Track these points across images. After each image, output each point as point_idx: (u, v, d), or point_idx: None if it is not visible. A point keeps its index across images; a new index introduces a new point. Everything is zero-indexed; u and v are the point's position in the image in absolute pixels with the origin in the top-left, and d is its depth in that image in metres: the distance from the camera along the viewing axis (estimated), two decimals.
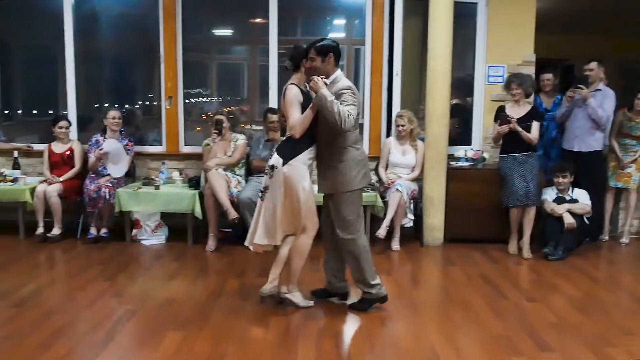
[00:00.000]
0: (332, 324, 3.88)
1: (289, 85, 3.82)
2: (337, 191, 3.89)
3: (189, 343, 3.47)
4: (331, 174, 3.88)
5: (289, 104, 3.76)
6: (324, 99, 3.61)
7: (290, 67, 3.89)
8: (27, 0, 6.69)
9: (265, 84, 6.42)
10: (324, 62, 3.81)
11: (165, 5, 6.16)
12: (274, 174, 3.79)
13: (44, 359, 3.23)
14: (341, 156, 3.85)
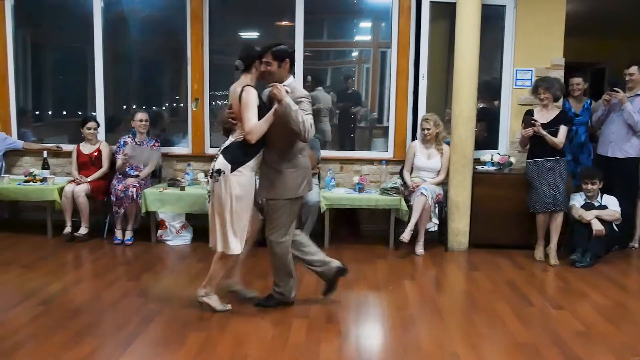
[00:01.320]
0: (354, 327, 3.86)
1: (246, 87, 3.70)
2: (281, 197, 3.86)
3: (212, 344, 3.48)
4: (278, 179, 3.85)
5: (246, 106, 3.65)
6: (289, 108, 3.59)
7: (241, 67, 3.78)
8: (58, 4, 6.80)
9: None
10: (280, 67, 3.79)
11: (193, 8, 6.22)
12: (219, 179, 3.70)
13: (69, 357, 3.27)
14: (290, 162, 3.86)
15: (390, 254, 5.57)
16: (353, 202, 5.68)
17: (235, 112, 3.74)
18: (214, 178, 3.73)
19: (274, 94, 3.62)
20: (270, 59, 3.76)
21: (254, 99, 3.67)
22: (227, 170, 3.67)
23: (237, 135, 3.75)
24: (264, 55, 3.77)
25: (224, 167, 3.68)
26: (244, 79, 3.79)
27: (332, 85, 8.06)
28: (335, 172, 6.08)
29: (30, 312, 3.95)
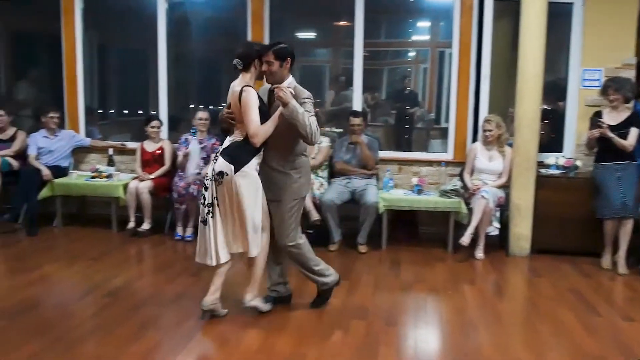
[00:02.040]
0: (412, 330, 3.82)
1: (246, 87, 3.59)
2: (287, 198, 3.79)
3: (270, 342, 3.51)
4: (283, 180, 3.78)
5: (247, 108, 3.54)
6: (295, 112, 3.50)
7: (239, 66, 3.65)
8: (124, 7, 7.00)
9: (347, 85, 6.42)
10: (281, 67, 3.68)
11: (254, 10, 6.28)
12: (223, 181, 3.59)
13: (133, 349, 3.36)
14: (294, 163, 3.79)
15: (449, 257, 5.48)
16: (411, 203, 5.62)
17: (234, 112, 3.64)
18: (217, 182, 3.62)
19: (279, 97, 3.51)
20: (272, 59, 3.65)
21: (255, 99, 3.58)
22: (231, 171, 3.56)
23: (237, 135, 3.67)
24: (264, 55, 3.66)
25: (226, 169, 3.57)
26: (243, 78, 3.67)
27: (388, 85, 8.02)
28: (393, 173, 6.03)
29: (96, 304, 4.08)
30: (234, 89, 3.66)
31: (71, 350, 3.34)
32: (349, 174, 5.78)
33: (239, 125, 3.63)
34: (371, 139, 5.91)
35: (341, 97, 7.20)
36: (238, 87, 3.62)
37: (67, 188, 6.10)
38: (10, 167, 6.20)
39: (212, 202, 3.65)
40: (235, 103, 3.62)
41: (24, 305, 4.03)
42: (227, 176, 3.57)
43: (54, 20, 6.64)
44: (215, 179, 3.61)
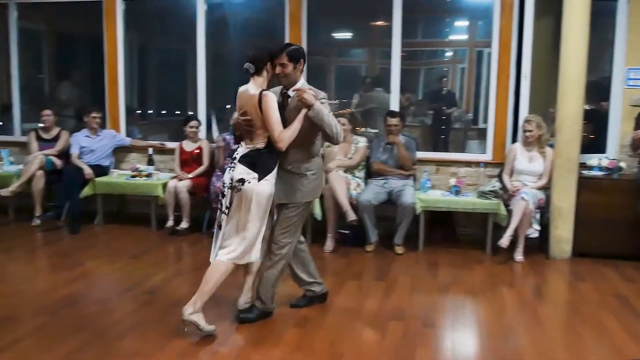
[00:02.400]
0: (450, 332, 3.79)
1: (265, 92, 3.50)
2: (300, 200, 3.72)
3: (309, 341, 3.51)
4: (300, 183, 3.71)
5: (271, 112, 3.45)
6: (321, 113, 3.49)
7: (251, 70, 3.55)
8: (164, 8, 7.10)
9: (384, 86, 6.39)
10: (295, 68, 3.62)
11: (292, 11, 6.30)
12: (242, 189, 3.48)
13: (171, 346, 3.41)
14: (310, 165, 3.74)
15: (487, 259, 5.41)
16: (449, 204, 5.57)
17: (252, 118, 3.51)
18: (235, 188, 3.51)
19: (303, 99, 3.48)
20: (286, 61, 3.57)
21: (276, 103, 3.51)
22: (254, 179, 3.48)
23: (257, 142, 3.55)
24: (277, 57, 3.58)
25: (247, 176, 3.48)
26: (255, 82, 3.57)
27: (425, 85, 7.97)
28: (430, 174, 5.98)
29: (135, 301, 4.15)
30: (249, 94, 3.54)
31: (111, 345, 3.41)
32: (386, 174, 5.75)
33: (259, 131, 3.53)
34: (408, 140, 5.88)
35: (365, 98, 7.18)
36: (254, 92, 3.52)
37: (108, 187, 6.22)
38: (53, 166, 6.36)
39: (226, 209, 3.59)
40: (253, 108, 3.50)
41: (66, 301, 4.12)
42: (249, 184, 3.47)
43: (96, 22, 6.78)
44: (235, 186, 3.51)
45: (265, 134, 3.52)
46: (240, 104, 3.61)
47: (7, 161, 6.67)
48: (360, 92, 7.35)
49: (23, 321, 3.78)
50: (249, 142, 3.59)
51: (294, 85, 3.65)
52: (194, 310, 3.50)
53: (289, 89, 3.67)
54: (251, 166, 3.51)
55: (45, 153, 6.38)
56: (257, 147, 3.55)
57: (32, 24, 7.70)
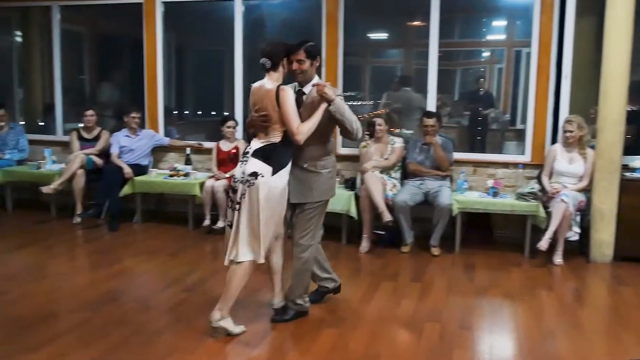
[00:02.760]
0: (488, 335, 3.74)
1: (282, 87, 3.46)
2: (317, 199, 3.68)
3: (344, 341, 3.51)
4: (315, 181, 3.66)
5: (288, 106, 3.41)
6: (342, 108, 3.48)
7: (268, 65, 3.51)
8: (202, 10, 7.19)
9: (420, 86, 6.34)
10: (312, 65, 3.60)
11: (329, 11, 6.31)
12: (255, 183, 3.40)
13: (209, 343, 3.45)
14: (324, 162, 3.70)
15: (526, 262, 5.32)
16: (487, 206, 5.50)
17: (269, 114, 3.47)
18: (247, 182, 3.43)
19: (324, 94, 3.44)
20: (303, 57, 3.55)
21: (293, 98, 3.48)
22: (267, 173, 3.42)
23: (272, 137, 3.50)
24: (294, 53, 3.55)
25: (261, 170, 3.42)
26: (270, 77, 3.53)
27: (461, 86, 7.89)
28: (467, 175, 5.91)
29: (173, 298, 4.21)
30: (265, 89, 3.50)
31: (150, 341, 3.46)
32: (422, 175, 5.71)
33: (275, 125, 3.48)
34: (445, 140, 5.83)
35: (392, 97, 7.14)
36: (271, 87, 3.48)
37: (146, 186, 6.32)
38: (94, 165, 6.50)
39: (237, 204, 3.49)
40: (270, 103, 3.45)
41: (106, 297, 4.21)
42: (262, 177, 3.41)
43: (136, 23, 6.90)
44: (247, 180, 3.43)
45: (282, 129, 3.48)
46: (255, 100, 3.55)
47: (50, 160, 6.83)
48: (390, 91, 7.32)
49: (64, 317, 3.87)
50: (263, 137, 3.53)
51: (309, 82, 3.63)
52: (222, 316, 3.52)
53: (303, 85, 3.65)
54: (265, 160, 3.45)
55: (86, 152, 6.52)
56: (272, 141, 3.50)
57: (74, 26, 7.89)
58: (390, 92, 7.23)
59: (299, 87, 3.66)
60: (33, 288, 4.38)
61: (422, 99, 6.68)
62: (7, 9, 7.74)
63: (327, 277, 4.10)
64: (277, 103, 3.43)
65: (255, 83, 3.61)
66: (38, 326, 3.65)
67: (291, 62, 3.57)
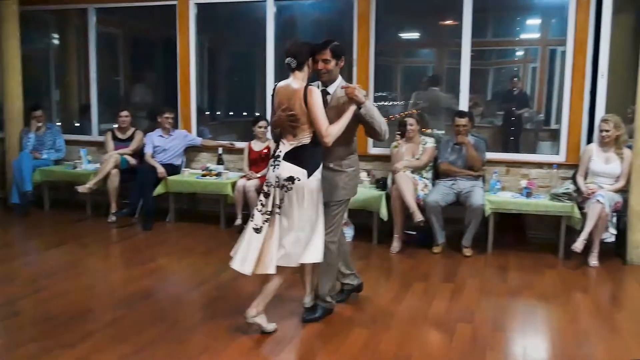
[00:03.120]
0: (521, 337, 3.70)
1: (311, 87, 3.43)
2: (342, 198, 3.72)
3: (374, 341, 3.50)
4: (341, 180, 3.69)
5: (317, 107, 3.38)
6: (372, 110, 3.50)
7: (293, 64, 3.48)
8: (234, 11, 7.24)
9: (452, 86, 6.29)
10: (337, 65, 3.60)
11: (360, 11, 6.30)
12: (293, 187, 3.42)
13: (240, 342, 3.47)
14: (349, 161, 3.73)
15: (560, 263, 5.24)
16: (520, 207, 5.42)
17: (297, 114, 3.42)
18: (285, 188, 3.44)
19: (354, 96, 3.44)
20: (329, 57, 3.55)
21: (321, 99, 3.44)
22: (303, 176, 3.42)
23: (301, 138, 3.47)
24: (319, 52, 3.54)
25: (297, 174, 3.42)
26: (295, 77, 3.50)
27: (494, 85, 7.81)
28: (500, 175, 5.84)
29: (205, 297, 4.26)
30: (292, 88, 3.47)
31: (183, 338, 3.50)
32: (454, 175, 5.66)
33: (304, 126, 3.44)
34: (478, 140, 5.77)
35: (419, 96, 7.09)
36: (298, 86, 3.45)
37: (179, 185, 6.39)
38: (128, 164, 6.61)
39: (272, 210, 3.50)
40: (298, 104, 3.42)
41: (140, 294, 4.27)
42: (299, 181, 3.42)
43: (169, 25, 7.00)
44: (284, 185, 3.44)
45: (311, 129, 3.46)
46: (280, 99, 3.51)
47: (85, 160, 6.97)
48: (418, 91, 7.28)
49: (99, 313, 3.94)
50: (292, 139, 3.49)
51: (334, 81, 3.64)
52: (257, 313, 3.56)
53: (327, 85, 3.64)
54: (299, 163, 3.45)
55: (121, 152, 6.63)
56: (303, 143, 3.47)
57: (109, 28, 8.04)
58: (419, 92, 7.19)
59: (322, 86, 3.65)
60: (69, 285, 4.48)
61: (450, 98, 6.66)
62: (44, 12, 7.91)
63: (351, 273, 4.12)
64: (305, 104, 3.40)
65: (280, 82, 3.60)
66: (74, 322, 3.72)
67: (316, 61, 3.57)
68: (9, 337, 3.57)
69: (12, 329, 3.68)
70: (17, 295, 4.21)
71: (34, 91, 7.79)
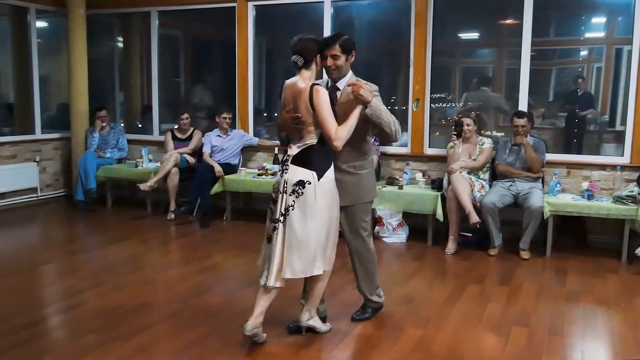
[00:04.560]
0: (580, 342, 3.59)
1: (317, 87, 3.19)
2: (361, 201, 3.53)
3: (428, 341, 3.47)
4: (355, 182, 3.48)
5: (324, 108, 3.16)
6: (379, 110, 3.27)
7: (300, 62, 3.26)
8: (292, 12, 7.31)
9: (511, 87, 6.16)
10: (347, 60, 3.39)
11: (418, 10, 6.26)
12: (304, 192, 3.20)
13: (291, 340, 3.50)
14: (365, 163, 3.52)
15: (623, 268, 5.05)
16: (581, 209, 5.26)
17: (302, 115, 3.21)
18: (295, 193, 3.22)
19: (360, 95, 3.21)
20: (338, 52, 3.33)
21: (328, 99, 3.21)
22: (314, 179, 3.21)
23: (308, 139, 3.25)
24: (328, 48, 3.33)
25: (306, 177, 3.21)
26: (302, 76, 3.28)
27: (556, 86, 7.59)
28: (561, 177, 5.68)
29: None
30: (298, 87, 3.26)
31: (234, 336, 3.53)
32: (512, 176, 5.54)
33: (310, 128, 3.23)
34: (537, 141, 5.63)
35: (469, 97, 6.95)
36: (304, 85, 3.23)
37: (236, 184, 6.50)
38: (187, 163, 6.76)
39: (279, 217, 3.27)
40: (303, 104, 3.20)
41: (196, 290, 4.37)
42: (310, 185, 3.21)
43: (228, 27, 7.12)
44: (294, 190, 3.21)
45: (317, 131, 3.25)
46: (286, 99, 3.33)
47: (146, 159, 7.18)
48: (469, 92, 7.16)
49: (156, 307, 4.04)
50: (298, 141, 3.29)
51: (344, 77, 3.43)
52: (311, 316, 3.54)
53: (337, 81, 3.44)
54: (307, 165, 3.24)
55: (180, 151, 6.80)
56: (309, 144, 3.26)
57: (171, 31, 8.25)
58: (470, 93, 7.09)
59: (332, 82, 3.45)
60: (129, 280, 4.63)
61: (500, 98, 6.55)
62: (109, 16, 8.21)
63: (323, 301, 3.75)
64: (311, 105, 3.19)
65: (288, 80, 3.39)
66: (132, 315, 3.84)
67: (324, 58, 3.36)
68: (70, 328, 3.73)
69: (74, 320, 3.84)
70: (79, 288, 4.38)
71: (99, 92, 8.09)
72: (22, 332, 3.56)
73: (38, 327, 3.68)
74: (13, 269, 4.87)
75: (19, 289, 4.38)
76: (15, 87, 7.92)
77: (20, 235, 6.23)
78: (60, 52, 8.05)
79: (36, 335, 3.55)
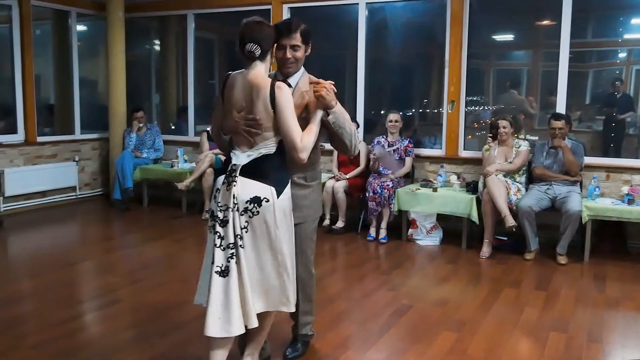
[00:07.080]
0: (619, 350, 3.52)
1: (279, 84, 2.66)
2: (312, 218, 3.03)
3: (463, 345, 3.44)
4: (305, 196, 2.95)
5: (288, 111, 2.64)
6: (342, 118, 2.81)
7: (257, 52, 2.69)
8: (326, 14, 7.32)
9: (547, 89, 6.08)
10: (306, 52, 2.91)
11: (454, 11, 6.21)
12: (260, 211, 2.63)
13: (329, 337, 3.51)
14: (315, 173, 3.02)
15: None
16: (621, 214, 5.15)
17: (260, 117, 2.64)
18: (248, 212, 2.63)
19: (321, 97, 2.75)
20: (299, 42, 2.83)
21: (291, 99, 2.69)
22: (272, 196, 2.65)
23: (263, 146, 2.68)
24: (287, 37, 2.81)
25: (264, 194, 2.64)
26: (257, 69, 2.71)
27: (593, 88, 7.47)
28: (600, 181, 5.57)
29: None
30: (254, 83, 2.67)
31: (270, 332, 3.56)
32: (549, 179, 5.46)
33: (267, 133, 2.68)
34: (575, 144, 5.53)
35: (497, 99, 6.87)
36: (262, 81, 2.67)
37: None
38: (222, 164, 6.82)
39: (235, 241, 2.65)
40: (262, 104, 2.65)
41: None
42: (268, 203, 2.64)
43: None
44: (247, 208, 2.63)
45: (276, 138, 2.70)
46: (235, 97, 2.72)
47: (182, 159, 7.27)
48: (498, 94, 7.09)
49: (193, 305, 4.04)
50: (248, 148, 2.70)
51: (296, 74, 2.92)
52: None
53: (289, 76, 2.91)
54: (263, 178, 2.66)
55: (216, 152, 6.86)
56: (264, 153, 2.69)
57: (206, 33, 8.35)
58: (499, 95, 7.02)
59: (281, 77, 2.89)
60: (164, 277, 4.70)
61: (525, 101, 6.48)
62: (147, 19, 8.35)
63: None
64: (272, 106, 2.64)
65: (232, 73, 2.83)
66: (168, 312, 3.90)
67: (281, 48, 2.84)
68: (109, 324, 3.80)
69: (112, 316, 3.91)
70: (116, 285, 4.46)
71: (136, 94, 8.23)
72: (62, 326, 3.64)
73: (77, 322, 3.77)
74: (53, 265, 4.99)
75: (58, 285, 4.48)
76: (56, 88, 8.11)
77: (59, 232, 6.37)
78: (99, 55, 8.22)
79: (75, 330, 3.63)
